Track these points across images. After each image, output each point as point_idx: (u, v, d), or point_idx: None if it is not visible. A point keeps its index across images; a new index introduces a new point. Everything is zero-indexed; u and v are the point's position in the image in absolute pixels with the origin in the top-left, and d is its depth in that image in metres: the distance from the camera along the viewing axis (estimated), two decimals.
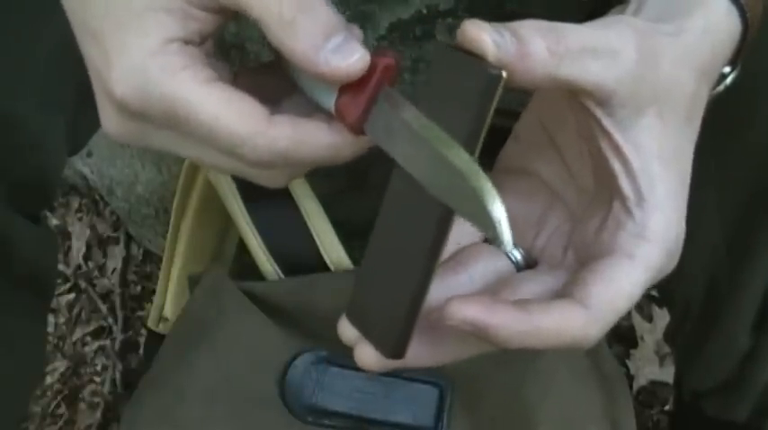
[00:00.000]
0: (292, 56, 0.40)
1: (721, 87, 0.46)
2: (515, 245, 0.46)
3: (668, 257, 0.42)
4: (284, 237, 0.68)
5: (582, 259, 0.43)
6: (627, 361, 1.11)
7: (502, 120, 0.43)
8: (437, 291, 0.41)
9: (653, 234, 0.41)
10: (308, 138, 0.41)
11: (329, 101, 0.42)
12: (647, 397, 1.10)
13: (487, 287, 0.44)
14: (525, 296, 0.42)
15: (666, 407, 1.08)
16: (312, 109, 0.43)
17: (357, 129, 0.41)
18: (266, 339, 0.66)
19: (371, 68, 0.40)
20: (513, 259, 0.45)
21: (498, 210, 0.36)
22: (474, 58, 0.38)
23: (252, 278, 0.69)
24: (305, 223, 0.68)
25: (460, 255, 0.45)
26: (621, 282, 0.41)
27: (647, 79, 0.41)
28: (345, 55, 0.40)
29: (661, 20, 0.43)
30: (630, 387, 1.08)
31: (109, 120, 0.43)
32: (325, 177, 0.64)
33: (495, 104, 0.38)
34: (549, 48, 0.39)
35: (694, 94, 0.43)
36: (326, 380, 0.65)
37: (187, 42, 0.41)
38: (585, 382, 0.68)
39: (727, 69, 0.45)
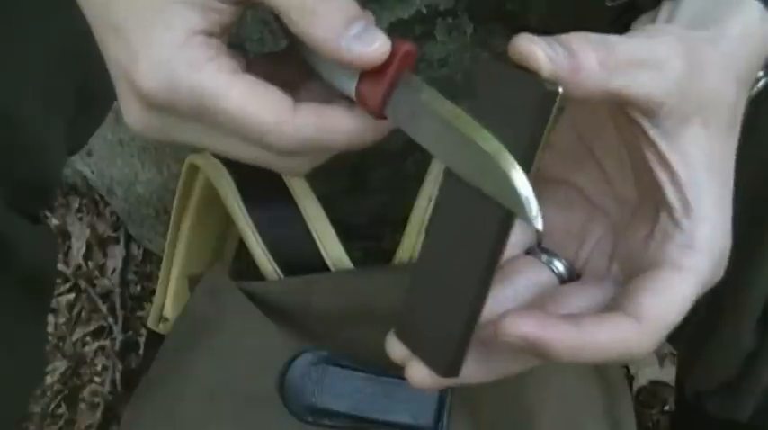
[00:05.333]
0: (314, 43, 0.41)
1: (754, 91, 0.46)
2: (557, 256, 0.46)
3: (716, 267, 0.42)
4: (284, 237, 0.68)
5: (628, 271, 0.43)
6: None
7: None
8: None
9: (701, 244, 0.41)
10: (332, 124, 0.42)
11: (350, 86, 0.42)
12: (647, 397, 1.10)
13: (533, 300, 0.44)
14: (572, 309, 0.42)
15: (666, 408, 1.08)
16: (329, 95, 0.44)
17: (379, 114, 0.42)
18: (266, 339, 0.66)
19: (392, 54, 0.41)
20: (556, 271, 0.45)
21: (525, 187, 0.36)
22: (525, 73, 0.38)
23: (252, 278, 0.69)
24: (305, 223, 0.68)
25: (504, 269, 0.45)
26: (672, 294, 0.41)
27: (693, 89, 0.41)
28: (367, 41, 0.40)
29: (694, 27, 0.43)
30: (630, 387, 1.08)
31: (132, 114, 0.43)
32: (326, 177, 0.64)
33: (552, 121, 0.37)
34: (600, 61, 0.39)
35: (735, 102, 0.43)
36: (326, 380, 0.65)
37: (209, 34, 0.41)
38: (586, 382, 0.68)
39: (760, 73, 0.46)
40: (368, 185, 0.87)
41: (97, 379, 1.13)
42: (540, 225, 0.36)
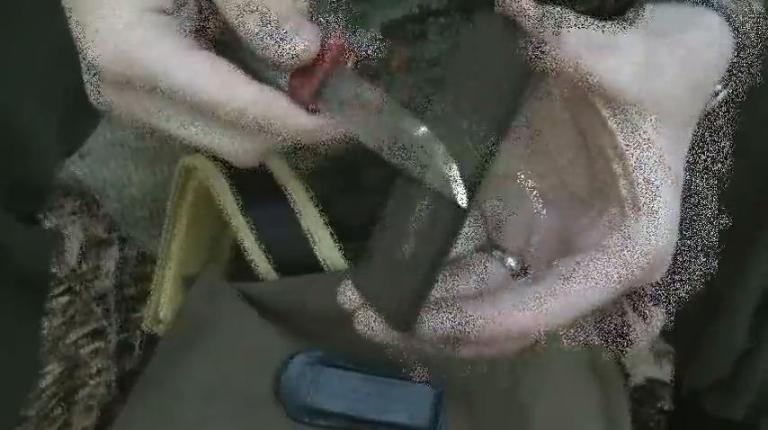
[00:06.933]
0: (246, 39, 0.42)
1: (713, 103, 0.47)
2: (508, 251, 0.46)
3: (660, 263, 0.43)
4: (280, 238, 0.68)
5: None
6: (623, 359, 1.11)
7: None
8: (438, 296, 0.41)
9: (642, 240, 0.42)
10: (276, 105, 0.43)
11: (282, 80, 0.44)
12: (644, 395, 1.10)
13: (486, 292, 0.44)
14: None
15: (663, 406, 1.09)
16: None
17: (310, 107, 0.43)
18: (262, 340, 0.66)
19: (323, 49, 0.42)
20: (507, 266, 0.46)
21: (452, 170, 0.39)
22: (505, 42, 0.41)
23: (248, 279, 0.69)
24: (300, 224, 0.68)
25: (458, 262, 0.46)
26: (597, 277, 0.42)
27: (652, 86, 0.42)
28: (296, 40, 0.42)
29: (655, 33, 0.44)
30: (627, 385, 1.08)
31: (92, 90, 0.45)
32: (321, 177, 0.64)
33: (529, 90, 0.41)
34: (576, 35, 0.41)
35: (689, 108, 0.44)
36: (322, 380, 0.65)
37: (161, 11, 0.42)
38: (582, 380, 0.69)
39: (718, 87, 0.46)
40: (363, 186, 0.87)
41: (93, 381, 1.12)
42: (466, 206, 0.37)
